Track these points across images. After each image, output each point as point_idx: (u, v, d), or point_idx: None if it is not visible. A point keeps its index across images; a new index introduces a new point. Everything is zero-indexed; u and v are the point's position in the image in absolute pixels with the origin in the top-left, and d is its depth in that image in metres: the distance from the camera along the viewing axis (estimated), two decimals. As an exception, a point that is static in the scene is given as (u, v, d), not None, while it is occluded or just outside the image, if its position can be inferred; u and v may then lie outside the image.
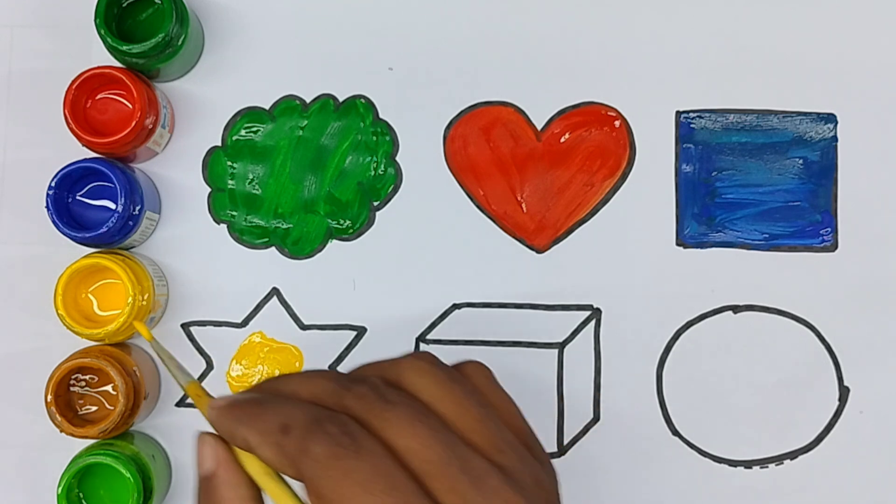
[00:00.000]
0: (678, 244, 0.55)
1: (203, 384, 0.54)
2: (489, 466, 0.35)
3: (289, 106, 0.55)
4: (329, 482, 0.33)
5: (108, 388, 0.51)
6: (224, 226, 0.55)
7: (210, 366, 0.54)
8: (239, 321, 0.54)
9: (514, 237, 0.55)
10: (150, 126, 0.51)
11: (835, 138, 0.55)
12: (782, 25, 0.55)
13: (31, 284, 0.53)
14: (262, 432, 0.36)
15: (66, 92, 0.50)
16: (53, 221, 0.50)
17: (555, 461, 0.54)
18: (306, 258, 0.54)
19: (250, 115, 0.55)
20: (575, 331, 0.54)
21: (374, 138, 0.55)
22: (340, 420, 0.35)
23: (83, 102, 0.51)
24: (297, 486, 0.36)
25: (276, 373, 0.54)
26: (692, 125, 0.55)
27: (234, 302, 0.54)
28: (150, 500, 0.49)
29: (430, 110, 0.55)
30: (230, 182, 0.55)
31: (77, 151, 0.51)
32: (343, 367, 0.54)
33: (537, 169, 0.55)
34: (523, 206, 0.55)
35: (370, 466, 0.34)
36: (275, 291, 0.54)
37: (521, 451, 0.38)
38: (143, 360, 0.52)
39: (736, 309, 0.55)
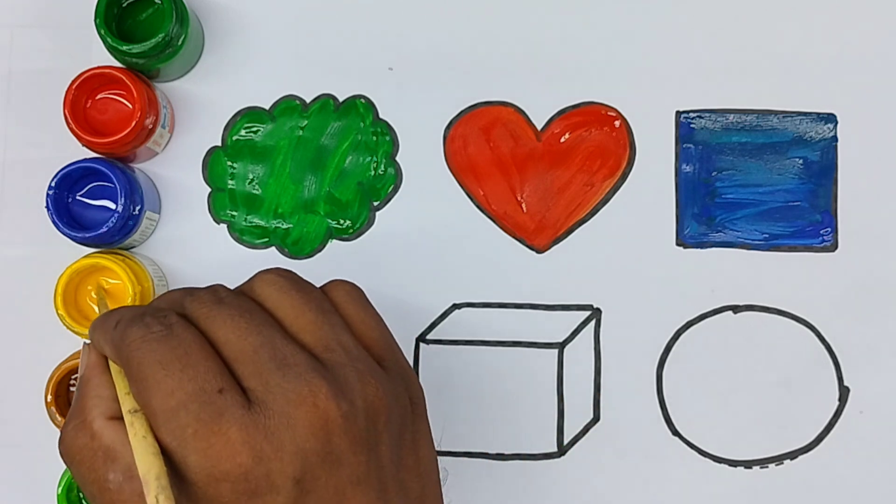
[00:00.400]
0: (678, 244, 0.55)
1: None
2: (302, 356, 0.37)
3: (289, 106, 0.55)
4: (135, 362, 0.36)
5: (108, 388, 0.51)
6: (224, 226, 0.55)
7: (210, 366, 0.54)
8: (239, 321, 0.54)
9: (514, 237, 0.55)
10: (150, 126, 0.51)
11: (835, 138, 0.55)
12: (782, 25, 0.55)
13: (31, 284, 0.53)
14: (104, 331, 0.39)
15: (66, 92, 0.50)
16: (53, 221, 0.50)
17: (555, 461, 0.54)
18: (306, 258, 0.55)
19: (250, 115, 0.55)
20: (575, 331, 0.54)
21: (374, 138, 0.55)
22: (161, 314, 0.38)
23: (83, 102, 0.51)
24: None
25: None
26: (692, 125, 0.55)
27: (234, 302, 0.54)
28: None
29: (430, 110, 0.55)
30: (230, 182, 0.55)
31: (77, 151, 0.51)
32: (343, 367, 0.54)
33: (537, 169, 0.55)
34: (523, 206, 0.55)
35: (171, 348, 0.36)
36: (275, 291, 0.54)
37: (357, 353, 0.39)
38: (143, 360, 0.52)
39: (736, 309, 0.55)
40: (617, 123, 0.55)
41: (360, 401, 0.37)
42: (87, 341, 0.41)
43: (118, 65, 0.51)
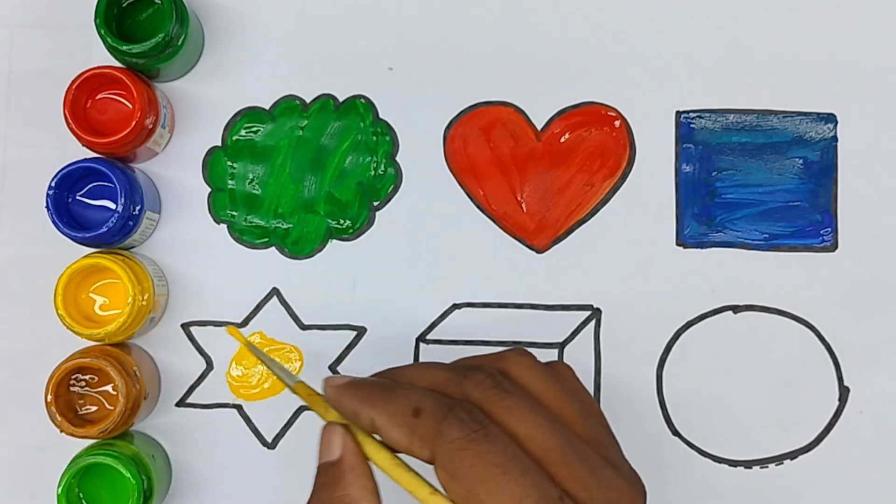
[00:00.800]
0: (678, 244, 0.55)
1: (203, 384, 0.54)
2: (600, 458, 0.38)
3: (289, 106, 0.55)
4: (465, 463, 0.36)
5: (108, 388, 0.51)
6: (224, 226, 0.55)
7: (210, 366, 0.54)
8: (239, 321, 0.54)
9: (514, 237, 0.55)
10: (150, 126, 0.51)
11: (835, 138, 0.55)
12: (782, 25, 0.55)
13: (31, 284, 0.53)
14: (392, 414, 0.37)
15: (66, 92, 0.50)
16: (53, 221, 0.50)
17: (555, 461, 0.54)
18: (306, 258, 0.55)
19: (250, 115, 0.55)
20: (575, 331, 0.54)
21: (374, 138, 0.55)
22: (468, 406, 0.37)
23: (83, 102, 0.51)
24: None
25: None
26: (692, 125, 0.55)
27: (234, 302, 0.54)
28: (150, 500, 0.49)
29: (430, 110, 0.55)
30: (230, 182, 0.55)
31: (77, 151, 0.51)
32: (343, 367, 0.54)
33: (537, 169, 0.55)
34: (523, 206, 0.55)
35: (502, 450, 0.36)
36: (275, 291, 0.54)
37: (616, 447, 0.40)
38: (143, 360, 0.52)
39: (736, 309, 0.55)
40: (617, 123, 0.55)
41: (643, 497, 0.39)
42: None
43: (118, 65, 0.51)
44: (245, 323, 0.54)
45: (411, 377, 0.40)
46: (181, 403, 0.54)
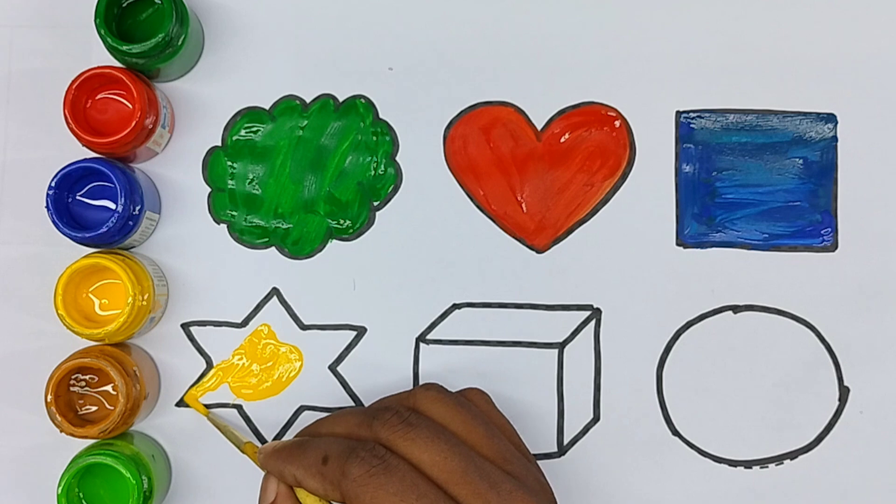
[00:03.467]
0: (678, 244, 0.55)
1: (202, 384, 0.54)
2: (502, 473, 0.41)
3: (289, 106, 0.55)
4: (367, 497, 0.40)
5: (108, 388, 0.51)
6: (224, 226, 0.55)
7: (210, 366, 0.54)
8: (239, 321, 0.54)
9: (514, 237, 0.55)
10: (150, 126, 0.51)
11: (835, 138, 0.55)
12: (782, 25, 0.55)
13: (31, 284, 0.53)
14: (306, 466, 0.43)
15: (66, 92, 0.50)
16: (53, 221, 0.50)
17: (555, 461, 0.54)
18: (306, 258, 0.55)
19: (250, 115, 0.55)
20: (575, 331, 0.54)
21: (374, 138, 0.55)
22: (369, 445, 0.41)
23: (83, 102, 0.51)
24: None
25: (277, 373, 0.54)
26: (692, 125, 0.55)
27: (234, 302, 0.54)
28: (150, 500, 0.49)
29: (430, 110, 0.55)
30: (230, 182, 0.55)
31: (77, 151, 0.51)
32: (343, 367, 0.54)
33: (537, 169, 0.55)
34: (523, 206, 0.55)
35: (399, 479, 0.40)
36: (275, 291, 0.54)
37: (523, 461, 0.44)
38: (143, 360, 0.52)
39: (736, 309, 0.55)
40: (617, 123, 0.55)
41: None
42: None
43: (118, 65, 0.51)
44: (245, 323, 0.54)
45: (329, 427, 0.45)
46: (181, 403, 0.54)
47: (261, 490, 0.46)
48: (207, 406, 0.54)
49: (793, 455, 0.54)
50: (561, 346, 0.54)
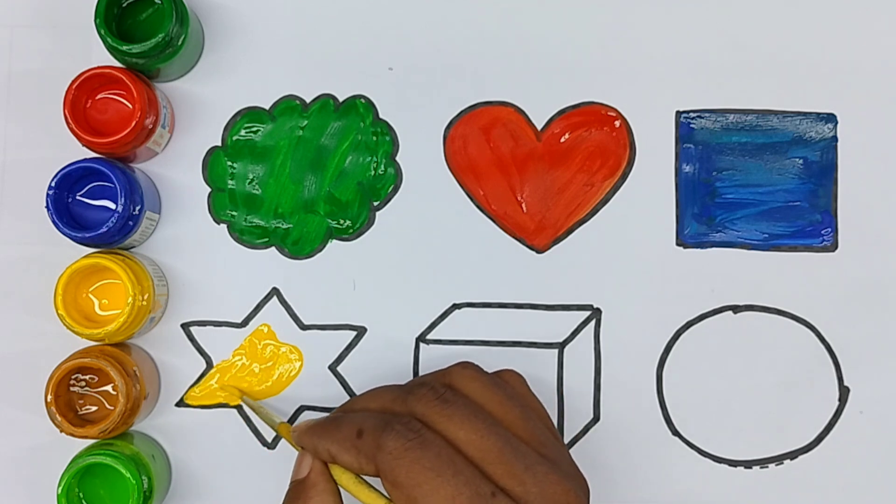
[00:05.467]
0: (678, 244, 0.55)
1: (202, 384, 0.54)
2: (538, 456, 0.41)
3: (289, 106, 0.55)
4: (402, 470, 0.39)
5: (108, 388, 0.51)
6: (224, 226, 0.55)
7: (210, 366, 0.54)
8: (239, 321, 0.54)
9: (514, 237, 0.55)
10: (150, 126, 0.51)
11: (835, 138, 0.55)
12: (782, 25, 0.55)
13: (31, 284, 0.53)
14: (340, 440, 0.42)
15: (66, 92, 0.50)
16: (53, 221, 0.50)
17: (555, 461, 0.54)
18: (306, 258, 0.54)
19: (250, 115, 0.55)
20: (575, 331, 0.54)
21: (374, 138, 0.55)
22: (405, 419, 0.41)
23: (83, 102, 0.51)
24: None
25: (277, 373, 0.54)
26: (692, 125, 0.55)
27: (234, 302, 0.54)
28: (150, 500, 0.49)
29: (430, 110, 0.55)
30: (230, 182, 0.55)
31: (77, 151, 0.51)
32: (343, 367, 0.54)
33: (537, 169, 0.55)
34: (523, 206, 0.55)
35: (435, 454, 0.39)
36: (275, 291, 0.54)
37: (559, 445, 0.44)
38: (143, 360, 0.52)
39: (736, 309, 0.55)
40: (617, 123, 0.55)
41: (582, 492, 0.42)
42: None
43: (118, 65, 0.51)
44: (245, 323, 0.54)
45: (364, 403, 0.44)
46: (181, 403, 0.54)
47: (294, 465, 0.45)
48: (206, 406, 0.54)
49: (793, 455, 0.54)
50: (561, 346, 0.54)
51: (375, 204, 0.55)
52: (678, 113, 0.55)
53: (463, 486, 0.39)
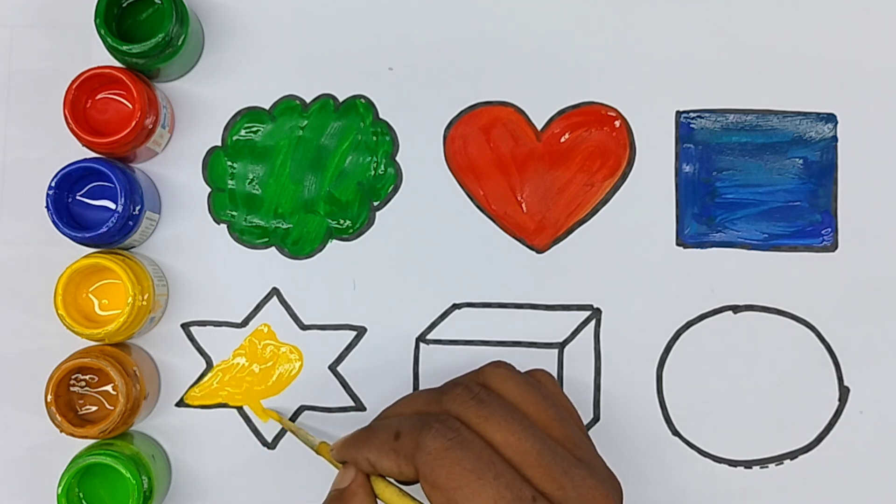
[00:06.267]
0: (678, 244, 0.55)
1: (202, 384, 0.54)
2: (574, 459, 0.40)
3: (289, 106, 0.55)
4: (443, 471, 0.38)
5: (108, 388, 0.51)
6: (224, 226, 0.55)
7: (210, 366, 0.54)
8: (239, 321, 0.54)
9: (514, 237, 0.55)
10: (150, 126, 0.51)
11: (835, 138, 0.55)
12: (782, 25, 0.55)
13: (31, 284, 0.53)
14: (378, 446, 0.41)
15: (66, 92, 0.50)
16: (53, 221, 0.50)
17: (555, 461, 0.54)
18: (306, 258, 0.55)
19: (250, 115, 0.55)
20: (575, 331, 0.54)
21: (374, 138, 0.55)
22: (443, 418, 0.40)
23: (83, 102, 0.51)
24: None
25: (277, 373, 0.54)
26: (692, 125, 0.55)
27: (234, 302, 0.54)
28: (150, 500, 0.49)
29: (430, 110, 0.55)
30: (230, 182, 0.55)
31: (77, 151, 0.51)
32: (343, 367, 0.54)
33: (537, 169, 0.55)
34: (523, 206, 0.55)
35: (476, 455, 0.38)
36: (275, 291, 0.54)
37: (592, 447, 0.43)
38: (143, 360, 0.52)
39: (736, 309, 0.55)
40: (617, 123, 0.55)
41: (617, 495, 0.41)
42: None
43: (118, 65, 0.51)
44: (245, 323, 0.54)
45: (398, 409, 0.43)
46: (181, 403, 0.54)
47: (336, 477, 0.44)
48: (207, 407, 0.54)
49: (793, 455, 0.54)
50: (561, 346, 0.54)
51: (375, 204, 0.55)
52: (678, 113, 0.55)
53: (504, 489, 0.38)
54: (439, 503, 0.39)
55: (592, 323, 0.54)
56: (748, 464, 0.54)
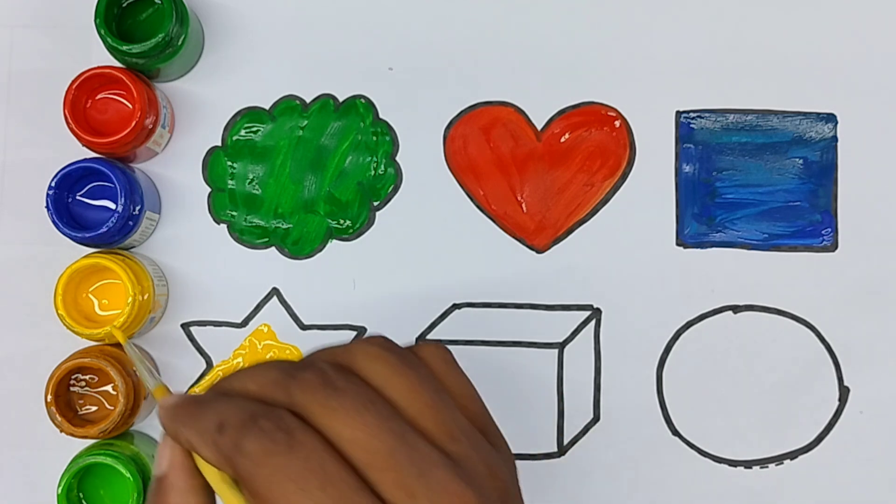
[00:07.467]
0: (678, 244, 0.55)
1: (202, 384, 0.54)
2: (439, 457, 0.34)
3: (289, 106, 0.55)
4: (262, 480, 0.33)
5: (108, 388, 0.51)
6: (224, 226, 0.55)
7: (210, 365, 0.54)
8: (239, 321, 0.54)
9: (514, 237, 0.55)
10: (150, 126, 0.51)
11: (835, 138, 0.55)
12: (782, 25, 0.55)
13: (31, 284, 0.53)
14: (201, 432, 0.35)
15: (66, 92, 0.50)
16: (53, 221, 0.50)
17: (555, 461, 0.54)
18: (306, 258, 0.55)
19: (250, 115, 0.55)
20: (575, 331, 0.54)
21: (374, 138, 0.55)
22: (276, 415, 0.34)
23: (83, 102, 0.51)
24: None
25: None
26: (692, 125, 0.55)
27: (234, 302, 0.54)
28: (150, 500, 0.49)
29: (430, 110, 0.55)
30: (230, 182, 0.55)
31: (77, 151, 0.51)
32: (343, 367, 0.54)
33: (537, 169, 0.55)
34: (523, 206, 0.55)
35: (303, 462, 0.33)
36: (275, 291, 0.54)
37: (476, 438, 0.36)
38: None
39: (736, 309, 0.55)
40: (617, 123, 0.55)
41: (495, 496, 0.35)
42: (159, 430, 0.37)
43: (118, 65, 0.51)
44: (245, 323, 0.54)
45: (243, 382, 0.36)
46: (181, 403, 0.54)
47: (157, 455, 0.37)
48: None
49: (793, 455, 0.54)
50: (561, 346, 0.54)
51: (375, 204, 0.55)
52: (678, 113, 0.55)
53: (330, 500, 0.32)
54: None
55: (592, 323, 0.54)
56: (748, 464, 0.54)
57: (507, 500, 0.36)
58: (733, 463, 0.54)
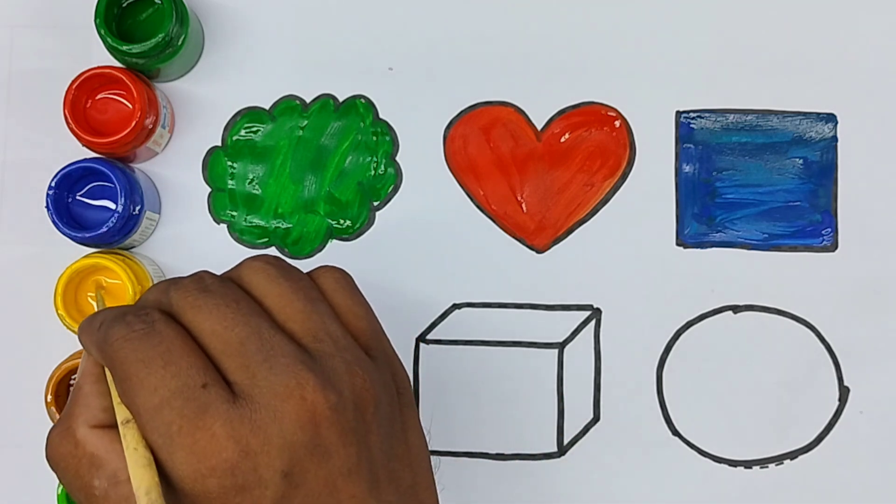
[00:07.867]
0: (678, 244, 0.55)
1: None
2: (291, 349, 0.36)
3: (289, 106, 0.55)
4: (119, 362, 0.36)
5: (108, 388, 0.51)
6: (224, 226, 0.55)
7: (210, 366, 0.54)
8: (239, 321, 0.54)
9: (514, 237, 0.55)
10: (150, 126, 0.51)
11: (835, 138, 0.55)
12: (782, 25, 0.55)
13: (31, 284, 0.53)
14: (88, 335, 0.38)
15: (66, 92, 0.50)
16: (53, 221, 0.50)
17: (555, 461, 0.54)
18: (306, 258, 0.54)
19: (250, 115, 0.55)
20: (575, 331, 0.54)
21: (374, 138, 0.55)
22: (143, 311, 0.37)
23: (83, 102, 0.51)
24: None
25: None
26: (692, 125, 0.55)
27: (234, 302, 0.54)
28: (150, 500, 0.49)
29: (430, 110, 0.55)
30: (230, 182, 0.55)
31: (77, 151, 0.51)
32: (343, 367, 0.54)
33: (537, 169, 0.55)
34: (523, 206, 0.55)
35: (153, 345, 0.35)
36: (275, 291, 0.54)
37: (344, 343, 0.38)
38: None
39: (736, 309, 0.55)
40: (617, 123, 0.55)
41: (348, 391, 0.36)
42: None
43: (118, 65, 0.51)
44: (245, 323, 0.54)
45: (146, 295, 0.40)
46: (181, 403, 0.54)
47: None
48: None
49: (793, 455, 0.54)
50: (561, 346, 0.54)
51: (375, 204, 0.55)
52: (678, 113, 0.55)
53: (170, 377, 0.35)
54: (120, 395, 0.36)
55: (592, 323, 0.54)
56: (748, 464, 0.54)
57: (365, 405, 0.37)
58: (733, 463, 0.54)
